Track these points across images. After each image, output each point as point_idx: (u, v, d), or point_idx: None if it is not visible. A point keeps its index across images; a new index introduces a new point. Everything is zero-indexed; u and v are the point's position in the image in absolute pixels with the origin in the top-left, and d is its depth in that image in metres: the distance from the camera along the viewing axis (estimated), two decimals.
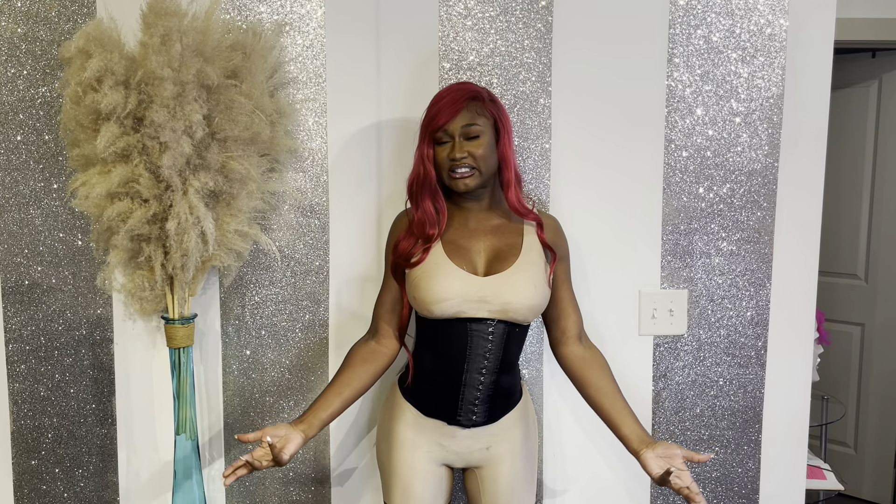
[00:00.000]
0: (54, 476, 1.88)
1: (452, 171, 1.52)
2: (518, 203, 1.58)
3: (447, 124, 1.52)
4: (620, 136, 1.83)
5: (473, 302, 1.52)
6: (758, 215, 1.86)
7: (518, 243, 1.59)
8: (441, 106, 1.52)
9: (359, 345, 1.65)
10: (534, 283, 1.54)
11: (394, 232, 1.65)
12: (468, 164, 1.52)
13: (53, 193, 1.79)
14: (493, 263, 1.56)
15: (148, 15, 1.54)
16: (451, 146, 1.52)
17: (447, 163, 1.52)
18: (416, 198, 1.57)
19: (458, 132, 1.52)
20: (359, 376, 1.60)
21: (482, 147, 1.52)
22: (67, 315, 1.83)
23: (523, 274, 1.54)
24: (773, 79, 1.83)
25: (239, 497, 1.90)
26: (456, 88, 1.55)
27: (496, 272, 1.54)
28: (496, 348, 1.55)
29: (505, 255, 1.56)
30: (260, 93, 1.64)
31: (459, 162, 1.51)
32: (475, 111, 1.54)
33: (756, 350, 1.90)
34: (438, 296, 1.52)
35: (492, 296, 1.52)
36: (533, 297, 1.54)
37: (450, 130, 1.52)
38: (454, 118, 1.51)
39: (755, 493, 1.95)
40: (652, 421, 1.91)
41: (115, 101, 1.53)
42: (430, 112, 1.54)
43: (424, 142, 1.54)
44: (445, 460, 1.63)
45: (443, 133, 1.53)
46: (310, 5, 1.77)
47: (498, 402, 1.60)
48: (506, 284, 1.53)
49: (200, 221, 1.60)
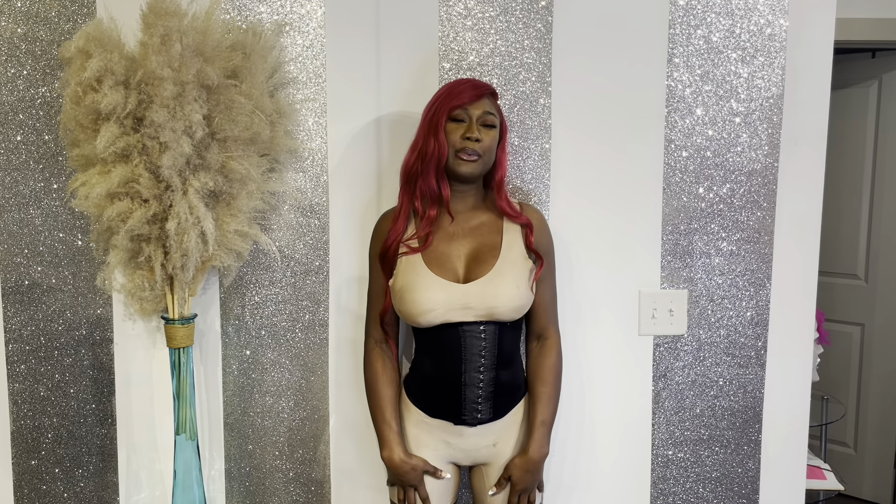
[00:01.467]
0: (54, 476, 1.88)
1: (461, 151, 1.53)
2: (509, 206, 1.61)
3: (471, 103, 1.54)
4: (620, 136, 1.83)
5: (457, 309, 1.53)
6: (758, 215, 1.86)
7: (497, 243, 1.59)
8: (466, 87, 1.54)
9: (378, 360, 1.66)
10: (516, 284, 1.55)
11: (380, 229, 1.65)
12: (476, 150, 1.53)
13: (53, 193, 1.79)
14: (473, 267, 1.57)
15: (148, 15, 1.54)
16: (467, 126, 1.54)
17: (459, 142, 1.53)
18: (419, 173, 1.56)
19: (477, 116, 1.54)
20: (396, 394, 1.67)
21: (492, 139, 1.56)
22: (67, 315, 1.83)
23: (505, 276, 1.55)
24: (773, 79, 1.83)
25: (239, 497, 1.90)
26: (475, 80, 1.58)
27: (477, 276, 1.55)
28: (490, 345, 1.56)
29: (485, 257, 1.57)
30: (260, 93, 1.64)
31: (472, 143, 1.52)
32: (493, 104, 1.58)
33: (756, 350, 1.90)
34: (422, 307, 1.53)
35: (475, 302, 1.53)
36: (516, 298, 1.54)
37: (470, 111, 1.54)
38: (478, 101, 1.54)
39: (755, 493, 1.95)
40: (652, 421, 1.91)
41: (115, 101, 1.53)
42: (452, 89, 1.55)
43: (442, 114, 1.53)
44: (452, 458, 1.64)
45: (463, 111, 1.54)
46: (310, 5, 1.77)
47: (502, 398, 1.61)
48: (488, 289, 1.53)
49: (200, 221, 1.60)
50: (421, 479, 1.60)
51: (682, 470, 1.93)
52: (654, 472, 1.93)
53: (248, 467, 1.89)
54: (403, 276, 1.57)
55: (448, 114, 1.53)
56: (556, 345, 1.66)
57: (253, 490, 1.90)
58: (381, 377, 1.64)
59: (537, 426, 1.61)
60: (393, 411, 1.63)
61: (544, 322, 1.66)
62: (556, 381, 1.65)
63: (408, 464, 1.58)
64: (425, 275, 1.55)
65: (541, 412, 1.62)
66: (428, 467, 1.60)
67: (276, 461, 1.89)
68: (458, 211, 1.61)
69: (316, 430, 1.88)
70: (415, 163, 1.57)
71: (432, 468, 1.60)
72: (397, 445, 1.59)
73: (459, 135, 1.53)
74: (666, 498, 1.94)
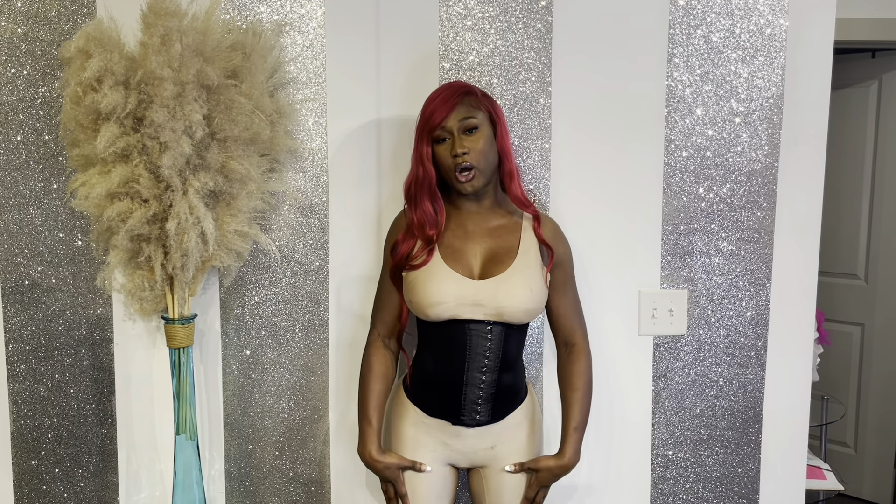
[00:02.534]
0: (54, 476, 1.88)
1: (458, 172, 1.52)
2: (522, 194, 1.60)
3: (444, 120, 1.52)
4: (620, 136, 1.83)
5: (468, 305, 1.53)
6: (758, 215, 1.86)
7: (515, 245, 1.59)
8: (436, 104, 1.53)
9: (375, 354, 1.66)
10: (529, 287, 1.54)
11: (392, 232, 1.65)
12: (470, 163, 1.52)
13: (53, 193, 1.79)
14: (489, 266, 1.56)
15: (148, 15, 1.54)
16: (451, 143, 1.52)
17: (450, 161, 1.52)
18: (414, 199, 1.57)
19: (457, 127, 1.52)
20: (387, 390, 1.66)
21: (481, 140, 1.53)
22: (67, 315, 1.83)
23: (519, 277, 1.54)
24: (773, 79, 1.83)
25: (239, 497, 1.90)
26: (447, 87, 1.56)
27: (492, 275, 1.54)
28: (496, 347, 1.55)
29: (501, 258, 1.57)
30: (260, 93, 1.64)
31: (462, 159, 1.51)
32: (470, 105, 1.55)
33: (756, 350, 1.90)
34: (433, 299, 1.52)
35: (486, 299, 1.52)
36: (528, 301, 1.54)
37: (448, 126, 1.52)
38: (451, 113, 1.52)
39: (755, 493, 1.95)
40: (652, 421, 1.91)
41: (114, 101, 1.53)
42: (425, 112, 1.54)
43: (423, 142, 1.54)
44: (450, 460, 1.64)
45: (441, 130, 1.53)
46: (310, 5, 1.77)
47: (501, 401, 1.60)
48: (501, 288, 1.53)
49: (200, 221, 1.60)
50: (397, 476, 1.60)
51: (682, 470, 1.93)
52: (654, 472, 1.93)
53: (248, 467, 1.89)
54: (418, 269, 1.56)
55: (429, 139, 1.53)
56: (584, 350, 1.66)
57: (253, 490, 1.90)
58: (374, 370, 1.64)
59: (571, 432, 1.61)
60: (376, 407, 1.63)
61: (570, 329, 1.66)
62: (586, 386, 1.64)
63: (380, 462, 1.59)
64: (440, 267, 1.55)
65: (573, 418, 1.62)
66: (404, 463, 1.60)
67: (276, 461, 1.89)
68: (473, 211, 1.60)
69: (316, 430, 1.88)
70: (410, 187, 1.58)
71: (410, 463, 1.60)
72: (372, 443, 1.60)
73: (448, 153, 1.53)
74: (666, 498, 1.94)
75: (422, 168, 1.54)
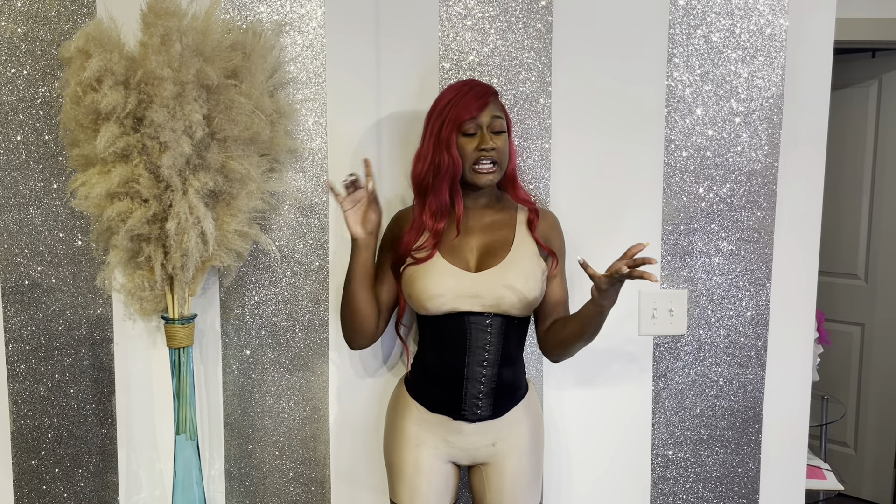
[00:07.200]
0: (54, 476, 1.88)
1: (477, 163, 1.54)
2: (524, 193, 1.65)
3: (479, 115, 1.54)
4: (620, 135, 1.83)
5: (466, 297, 1.54)
6: (758, 215, 1.86)
7: (510, 238, 1.60)
8: (469, 98, 1.54)
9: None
10: (525, 277, 1.55)
11: (395, 226, 1.65)
12: (492, 158, 1.54)
13: (53, 193, 1.79)
14: (485, 259, 1.58)
15: (148, 15, 1.54)
16: (479, 137, 1.54)
17: (473, 154, 1.54)
18: (431, 188, 1.57)
19: (487, 124, 1.54)
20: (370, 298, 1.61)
21: (504, 142, 1.57)
22: (67, 315, 1.83)
23: (515, 268, 1.56)
24: (773, 79, 1.83)
25: (239, 497, 1.90)
26: (477, 83, 1.57)
27: (488, 267, 1.56)
28: (496, 340, 1.56)
29: (497, 251, 1.58)
30: (260, 93, 1.64)
31: (488, 153, 1.53)
32: (499, 107, 1.58)
33: (756, 350, 1.90)
34: (431, 292, 1.53)
35: (484, 291, 1.54)
36: (525, 291, 1.55)
37: (479, 121, 1.54)
38: (485, 109, 1.54)
39: (755, 493, 1.95)
40: (652, 421, 1.91)
41: (114, 101, 1.53)
42: (454, 102, 1.54)
43: (451, 131, 1.53)
44: (451, 457, 1.64)
45: (472, 123, 1.54)
46: (310, 5, 1.77)
47: (502, 396, 1.61)
48: (497, 279, 1.54)
49: (200, 221, 1.60)
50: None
51: (682, 470, 1.93)
52: (654, 472, 1.93)
53: (248, 467, 1.89)
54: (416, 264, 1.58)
55: (458, 129, 1.54)
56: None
57: (253, 490, 1.90)
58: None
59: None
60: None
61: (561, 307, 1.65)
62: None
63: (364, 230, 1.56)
64: (437, 261, 1.56)
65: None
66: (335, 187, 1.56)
67: (276, 461, 1.89)
68: (472, 208, 1.62)
69: (316, 430, 1.88)
70: (426, 176, 1.57)
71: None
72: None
73: (473, 147, 1.54)
74: (666, 498, 1.94)
75: (447, 156, 1.53)
